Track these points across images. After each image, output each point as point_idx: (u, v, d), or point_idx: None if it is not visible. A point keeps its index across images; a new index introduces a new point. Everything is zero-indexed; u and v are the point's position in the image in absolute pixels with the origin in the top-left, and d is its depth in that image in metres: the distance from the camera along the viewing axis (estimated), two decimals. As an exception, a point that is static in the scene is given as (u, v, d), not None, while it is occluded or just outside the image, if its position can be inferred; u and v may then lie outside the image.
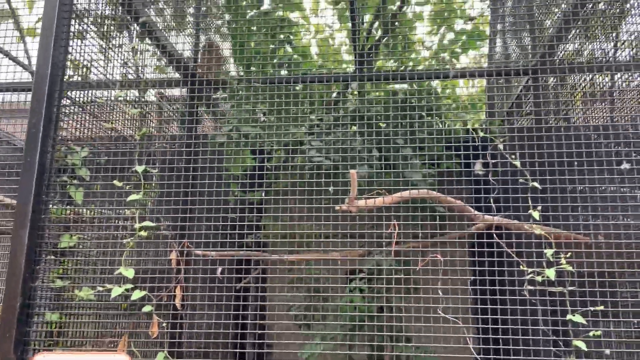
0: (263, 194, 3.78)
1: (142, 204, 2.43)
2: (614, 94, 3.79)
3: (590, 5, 3.36)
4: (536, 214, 2.09)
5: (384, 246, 3.00)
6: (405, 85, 4.49)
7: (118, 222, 2.50)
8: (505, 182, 2.32)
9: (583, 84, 3.86)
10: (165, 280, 2.51)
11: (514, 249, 2.32)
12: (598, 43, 3.62)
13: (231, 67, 4.62)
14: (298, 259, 3.67)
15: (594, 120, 3.99)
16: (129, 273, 2.23)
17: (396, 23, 4.18)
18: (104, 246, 2.50)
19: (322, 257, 3.75)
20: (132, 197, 2.34)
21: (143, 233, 2.28)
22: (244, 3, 4.28)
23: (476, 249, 2.42)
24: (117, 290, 2.21)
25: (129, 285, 2.24)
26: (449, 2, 5.83)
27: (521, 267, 2.03)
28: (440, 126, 4.51)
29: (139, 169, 2.39)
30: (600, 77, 3.77)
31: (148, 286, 2.35)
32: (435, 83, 6.80)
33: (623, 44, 3.57)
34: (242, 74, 4.29)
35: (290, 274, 4.27)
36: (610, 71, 3.55)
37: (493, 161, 2.31)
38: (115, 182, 2.38)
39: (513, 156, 2.21)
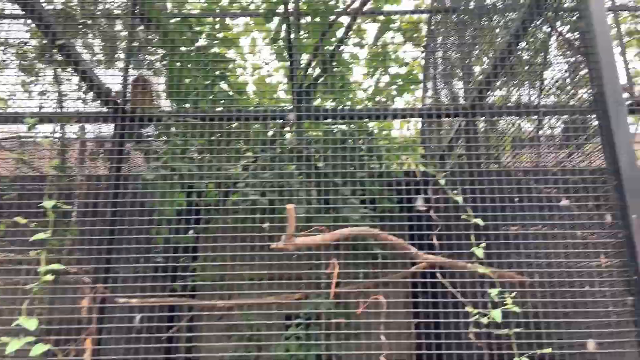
0: (191, 232, 3.53)
1: (52, 244, 2.14)
2: (540, 138, 3.90)
3: (513, 56, 3.47)
4: (480, 252, 2.01)
5: (322, 288, 2.83)
6: (343, 126, 4.45)
7: (22, 265, 2.19)
8: (446, 220, 2.25)
9: (512, 128, 3.96)
10: (74, 332, 2.20)
11: (458, 289, 2.23)
12: (524, 89, 3.76)
13: (164, 102, 4.43)
14: (231, 305, 3.42)
15: (523, 162, 4.09)
16: (31, 324, 1.93)
17: (334, 63, 4.17)
18: (3, 292, 2.17)
19: (257, 302, 3.53)
20: (38, 236, 2.06)
21: (48, 277, 2.00)
22: (178, 38, 4.14)
23: (420, 289, 2.31)
24: (14, 344, 1.90)
25: (30, 338, 1.93)
26: (384, 46, 5.96)
27: (466, 308, 1.92)
28: (378, 166, 4.48)
29: (48, 204, 2.12)
30: (528, 121, 3.88)
31: (54, 339, 2.04)
32: (373, 124, 6.87)
33: (547, 90, 3.72)
34: (176, 109, 4.10)
35: (223, 321, 3.97)
36: (537, 115, 3.65)
37: (435, 197, 2.24)
38: (17, 218, 2.10)
39: (455, 191, 2.15)
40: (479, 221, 2.07)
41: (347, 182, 3.95)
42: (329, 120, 4.11)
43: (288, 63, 3.79)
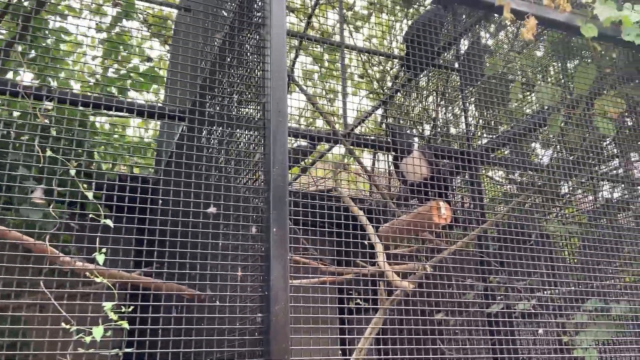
0: None
1: None
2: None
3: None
4: (101, 258, 1.72)
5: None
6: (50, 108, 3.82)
7: None
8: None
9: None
10: None
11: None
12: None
13: None
14: None
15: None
16: None
17: (39, 32, 3.53)
18: None
19: None
20: None
21: None
22: None
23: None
24: None
25: None
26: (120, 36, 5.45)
27: (66, 325, 1.60)
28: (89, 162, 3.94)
29: None
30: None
31: None
32: (105, 119, 6.22)
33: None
34: None
35: None
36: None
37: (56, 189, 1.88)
38: None
39: (86, 185, 1.84)
40: (109, 222, 1.79)
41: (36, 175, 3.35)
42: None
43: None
